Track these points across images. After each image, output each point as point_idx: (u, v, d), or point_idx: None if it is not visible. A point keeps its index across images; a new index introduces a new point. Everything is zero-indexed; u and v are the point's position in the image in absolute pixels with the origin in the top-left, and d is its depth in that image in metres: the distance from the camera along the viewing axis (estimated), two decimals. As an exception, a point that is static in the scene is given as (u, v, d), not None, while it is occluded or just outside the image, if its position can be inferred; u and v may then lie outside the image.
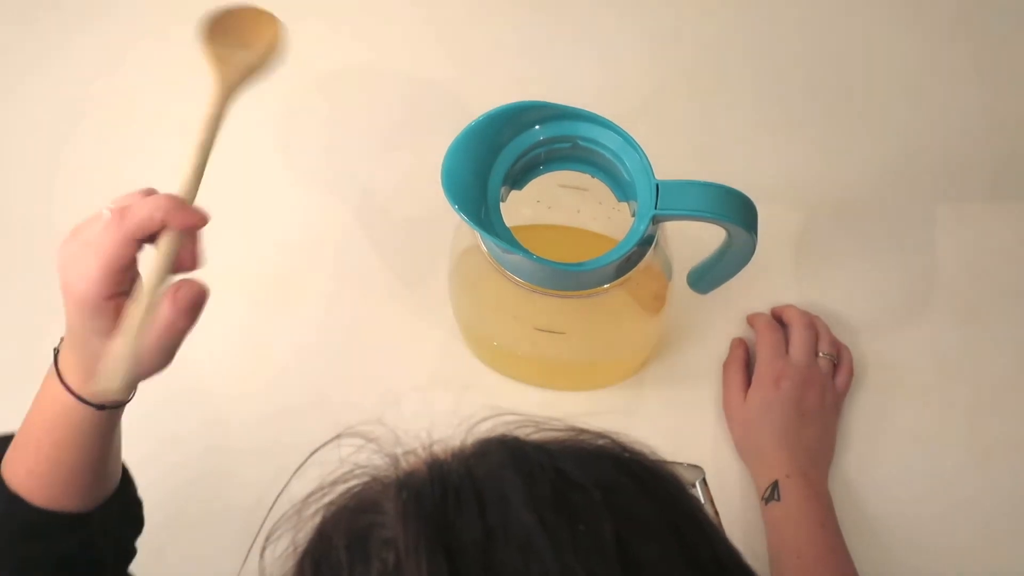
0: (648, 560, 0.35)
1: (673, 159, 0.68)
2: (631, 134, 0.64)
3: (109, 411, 0.54)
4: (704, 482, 0.59)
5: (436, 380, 0.82)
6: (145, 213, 0.48)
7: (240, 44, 0.59)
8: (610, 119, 0.64)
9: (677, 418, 0.82)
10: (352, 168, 0.91)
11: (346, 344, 0.84)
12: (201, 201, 0.52)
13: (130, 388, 0.52)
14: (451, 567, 0.33)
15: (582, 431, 0.39)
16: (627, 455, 0.39)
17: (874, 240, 0.88)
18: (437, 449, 0.39)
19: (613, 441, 0.39)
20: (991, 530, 0.78)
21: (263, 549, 0.39)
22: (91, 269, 0.48)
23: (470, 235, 0.69)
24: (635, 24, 0.97)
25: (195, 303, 0.50)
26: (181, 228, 0.49)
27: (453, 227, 0.74)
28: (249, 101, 0.94)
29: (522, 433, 0.39)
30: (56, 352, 0.54)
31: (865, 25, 0.97)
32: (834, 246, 0.88)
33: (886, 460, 0.80)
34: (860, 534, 0.75)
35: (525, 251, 0.63)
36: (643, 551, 0.35)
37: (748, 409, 0.78)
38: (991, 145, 0.92)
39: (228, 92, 0.57)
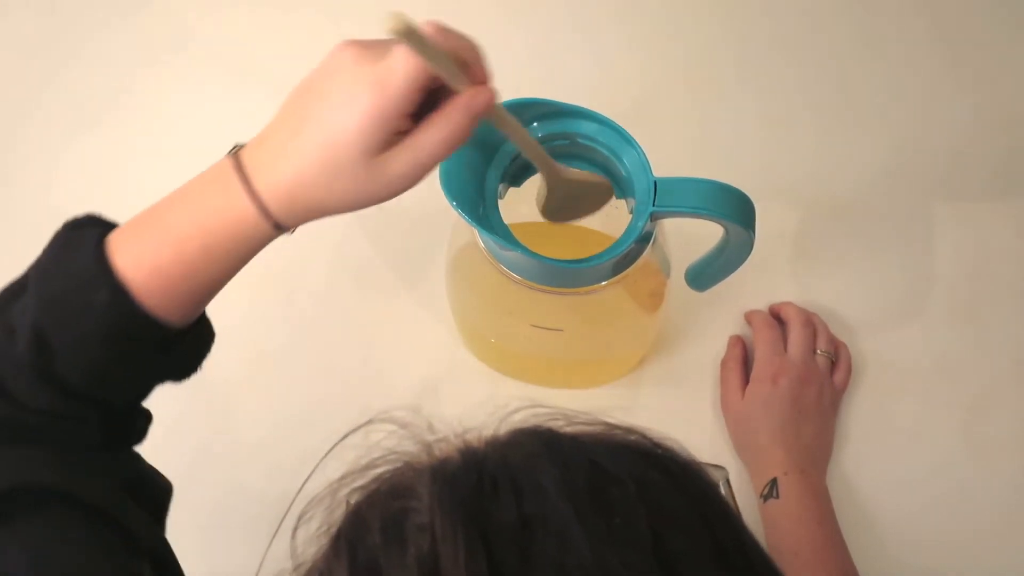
0: (681, 552, 0.35)
1: (671, 157, 0.68)
2: (629, 131, 0.64)
3: (281, 232, 0.51)
4: (727, 482, 0.60)
5: (433, 377, 0.82)
6: (408, 73, 0.46)
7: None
8: (608, 116, 0.64)
9: (675, 416, 0.82)
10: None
11: (343, 342, 0.84)
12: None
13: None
14: (488, 554, 0.33)
15: (613, 426, 0.39)
16: (659, 451, 0.39)
17: (872, 238, 0.88)
18: (470, 438, 0.39)
19: (644, 436, 0.39)
20: (989, 527, 0.78)
21: (295, 529, 0.39)
22: (352, 129, 0.46)
23: (468, 232, 0.69)
24: (633, 22, 0.97)
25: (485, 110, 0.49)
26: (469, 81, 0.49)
27: (450, 224, 0.74)
28: (247, 98, 0.95)
29: (554, 426, 0.39)
30: (236, 162, 0.49)
31: (863, 23, 0.97)
32: (832, 244, 0.88)
33: (884, 457, 0.80)
34: (858, 531, 0.75)
35: (523, 248, 0.63)
36: (677, 544, 0.35)
37: (746, 406, 0.78)
38: (989, 144, 0.92)
39: (541, 162, 0.59)
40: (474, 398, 0.41)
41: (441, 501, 0.34)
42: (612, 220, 0.71)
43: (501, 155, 0.65)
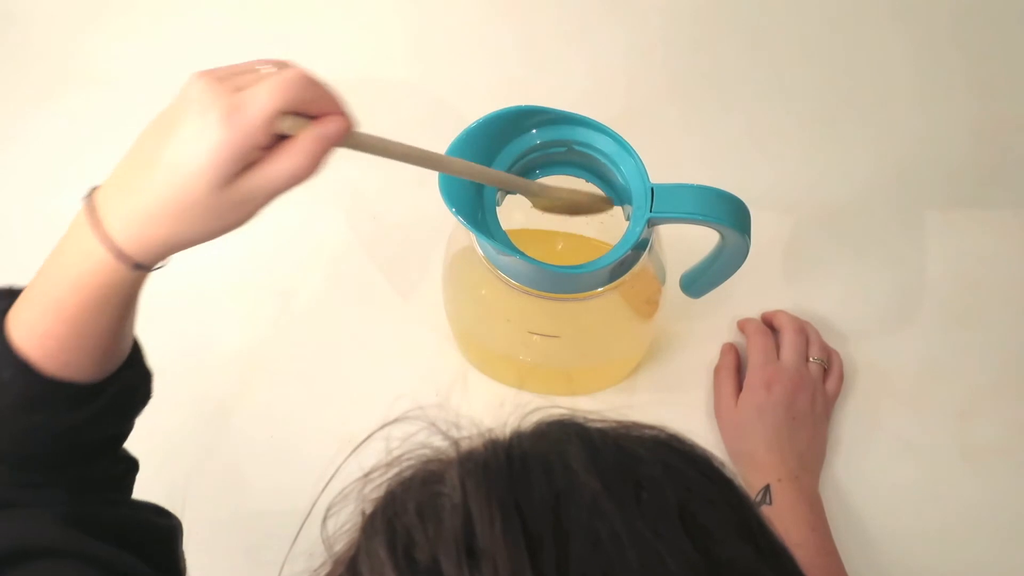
0: (709, 526, 0.36)
1: (665, 164, 0.69)
2: (624, 138, 0.64)
3: (144, 271, 0.50)
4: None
5: (430, 384, 0.82)
6: (264, 112, 0.44)
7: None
8: (605, 123, 0.65)
9: (668, 422, 0.80)
10: (344, 174, 0.91)
11: (339, 352, 0.84)
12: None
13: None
14: (522, 522, 0.34)
15: (633, 423, 0.40)
16: (681, 442, 0.40)
17: (864, 246, 0.89)
18: (495, 434, 0.39)
19: (663, 430, 0.40)
20: (980, 533, 0.78)
21: (324, 520, 0.39)
22: (202, 165, 0.45)
23: (465, 239, 0.69)
24: (628, 29, 0.98)
25: (332, 143, 0.47)
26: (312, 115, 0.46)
27: (446, 233, 0.74)
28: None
29: (578, 419, 0.40)
30: (89, 205, 0.48)
31: (856, 34, 0.98)
32: (824, 252, 0.88)
33: (876, 464, 0.80)
34: (850, 538, 0.76)
35: (522, 254, 0.63)
36: (704, 518, 0.36)
37: (739, 413, 0.79)
38: (978, 153, 0.93)
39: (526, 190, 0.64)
40: (471, 405, 0.41)
41: (472, 482, 0.35)
42: (609, 227, 0.72)
43: (499, 162, 0.65)
